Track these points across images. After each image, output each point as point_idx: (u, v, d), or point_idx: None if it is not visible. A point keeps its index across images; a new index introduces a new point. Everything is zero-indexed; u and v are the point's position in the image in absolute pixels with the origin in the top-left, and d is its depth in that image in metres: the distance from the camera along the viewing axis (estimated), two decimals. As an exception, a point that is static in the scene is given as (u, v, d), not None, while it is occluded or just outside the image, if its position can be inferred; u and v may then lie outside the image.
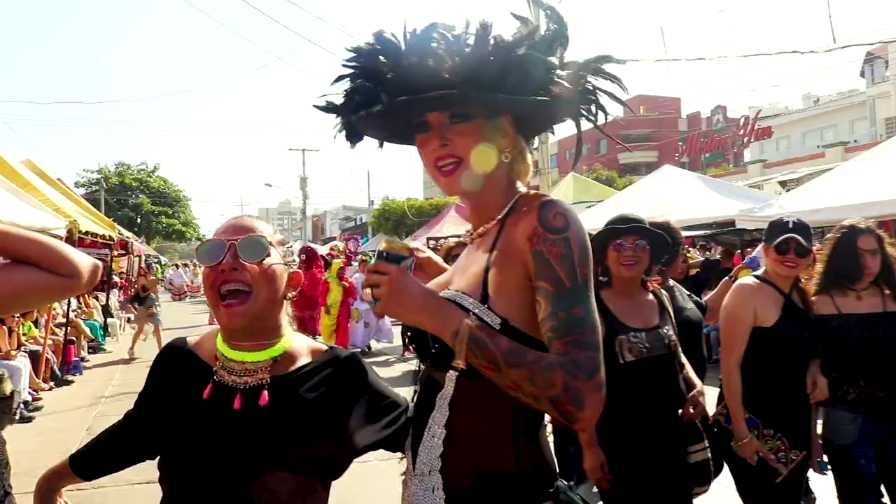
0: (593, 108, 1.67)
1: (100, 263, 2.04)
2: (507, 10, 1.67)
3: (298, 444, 1.68)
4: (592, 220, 13.64)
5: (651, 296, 3.41)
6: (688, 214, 12.96)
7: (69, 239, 10.92)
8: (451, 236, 20.79)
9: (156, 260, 31.29)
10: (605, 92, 1.67)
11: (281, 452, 1.66)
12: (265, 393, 1.70)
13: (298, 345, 1.85)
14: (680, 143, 46.51)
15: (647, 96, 56.14)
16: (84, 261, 1.92)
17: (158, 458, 1.79)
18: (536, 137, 1.94)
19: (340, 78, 1.69)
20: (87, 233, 11.75)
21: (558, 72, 1.61)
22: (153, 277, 17.01)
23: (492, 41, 1.56)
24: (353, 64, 1.67)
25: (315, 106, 1.77)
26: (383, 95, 1.59)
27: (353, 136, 1.80)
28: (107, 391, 10.57)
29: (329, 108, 1.75)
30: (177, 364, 1.83)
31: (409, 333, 1.74)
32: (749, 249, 13.36)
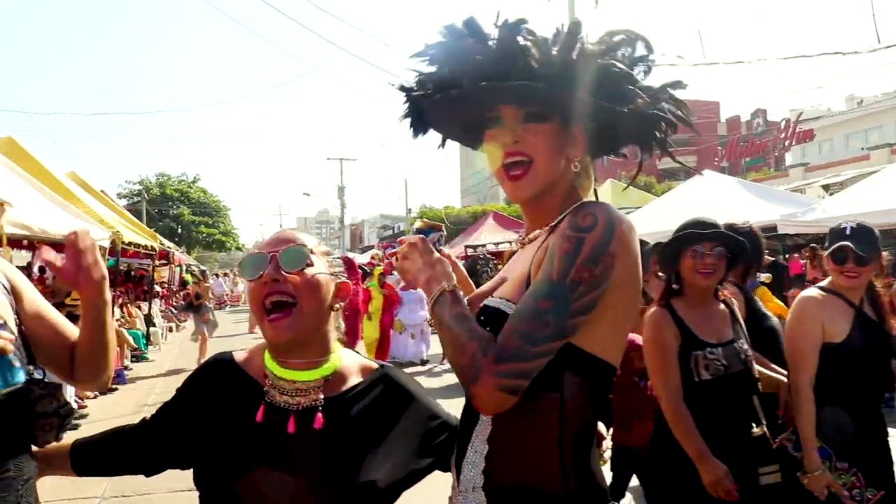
0: (662, 134, 1.67)
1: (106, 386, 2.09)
2: (602, 25, 1.66)
3: (352, 469, 1.63)
4: (631, 227, 13.49)
5: (722, 305, 3.19)
6: (727, 220, 12.73)
7: (112, 250, 11.14)
8: (488, 244, 20.75)
9: (196, 269, 31.67)
10: (678, 118, 1.67)
11: (335, 477, 1.62)
12: (320, 415, 1.66)
13: (348, 362, 1.81)
14: (719, 148, 45.89)
15: (685, 101, 55.38)
16: (99, 381, 1.99)
17: (196, 477, 1.74)
18: None
19: (427, 50, 1.67)
20: (129, 243, 11.98)
21: (639, 91, 1.61)
22: (207, 285, 16.98)
23: (579, 45, 1.57)
24: (442, 41, 1.65)
25: (391, 84, 1.77)
26: (465, 79, 1.59)
27: (419, 125, 1.79)
28: (149, 399, 10.70)
29: (404, 88, 1.74)
30: (223, 380, 1.78)
31: None
32: (796, 255, 13.13)
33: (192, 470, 1.76)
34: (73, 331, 1.92)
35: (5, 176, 7.83)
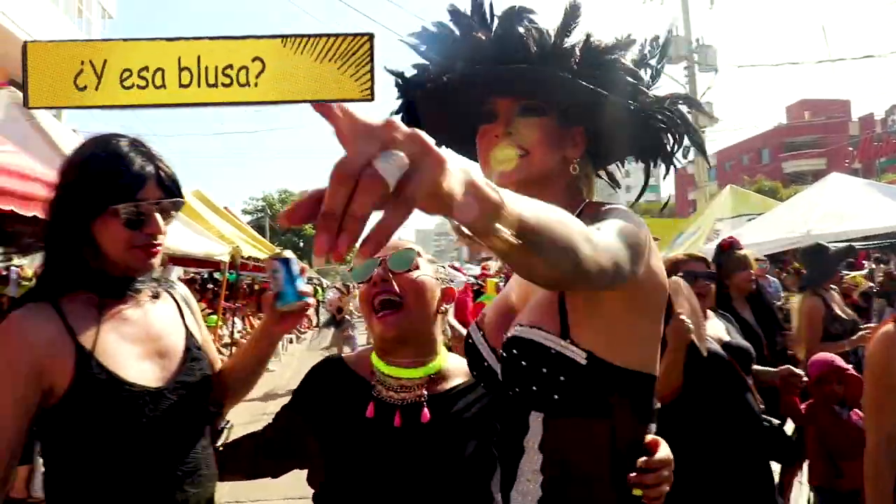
0: (668, 146, 1.60)
1: None
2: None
3: (455, 463, 1.68)
4: (753, 234, 12.91)
5: None
6: (858, 225, 11.94)
7: (232, 264, 11.61)
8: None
9: (317, 282, 32.57)
10: (689, 132, 1.60)
11: (439, 471, 1.66)
12: (426, 410, 1.72)
13: (453, 364, 1.88)
14: (851, 149, 43.45)
15: (811, 100, 53.11)
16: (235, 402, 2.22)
17: (309, 474, 1.86)
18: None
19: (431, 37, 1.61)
20: (248, 258, 12.46)
21: (642, 97, 1.55)
22: (347, 299, 16.32)
23: (582, 40, 1.52)
24: (441, 24, 1.60)
25: (385, 68, 1.72)
26: (459, 64, 1.53)
27: (412, 119, 1.67)
28: (268, 409, 11.01)
29: (397, 74, 1.68)
30: (334, 379, 1.89)
31: (474, 372, 1.67)
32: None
33: (310, 480, 1.88)
34: (218, 360, 2.09)
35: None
